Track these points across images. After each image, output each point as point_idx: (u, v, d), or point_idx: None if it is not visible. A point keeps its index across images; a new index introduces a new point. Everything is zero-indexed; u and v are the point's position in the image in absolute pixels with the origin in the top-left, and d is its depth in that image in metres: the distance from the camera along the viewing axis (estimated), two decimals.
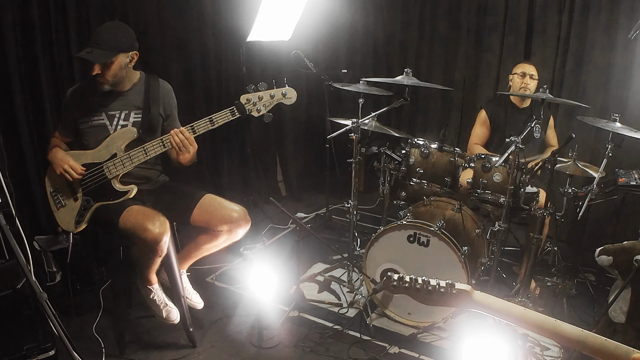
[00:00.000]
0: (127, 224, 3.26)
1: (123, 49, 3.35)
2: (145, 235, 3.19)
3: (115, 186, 3.40)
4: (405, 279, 1.86)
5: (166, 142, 3.33)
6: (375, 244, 4.08)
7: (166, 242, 3.30)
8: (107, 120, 3.47)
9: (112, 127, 3.47)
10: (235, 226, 3.48)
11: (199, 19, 5.43)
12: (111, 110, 3.49)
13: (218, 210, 3.48)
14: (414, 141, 4.29)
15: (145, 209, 3.33)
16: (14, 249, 2.85)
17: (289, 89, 3.38)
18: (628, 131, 3.73)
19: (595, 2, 5.26)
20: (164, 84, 3.67)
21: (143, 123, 3.50)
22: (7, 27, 4.27)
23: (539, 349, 3.74)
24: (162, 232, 3.23)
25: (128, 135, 3.41)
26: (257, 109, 3.32)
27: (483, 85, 6.18)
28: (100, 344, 3.69)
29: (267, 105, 3.34)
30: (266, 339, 3.83)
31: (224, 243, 3.60)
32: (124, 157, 3.36)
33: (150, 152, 3.34)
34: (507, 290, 4.36)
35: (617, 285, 3.59)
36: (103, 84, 3.37)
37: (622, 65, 5.21)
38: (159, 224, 3.23)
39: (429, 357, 3.70)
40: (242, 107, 3.29)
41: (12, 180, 2.99)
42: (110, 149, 3.39)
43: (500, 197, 3.96)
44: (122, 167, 3.37)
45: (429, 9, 6.43)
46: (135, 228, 3.23)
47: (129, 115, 3.51)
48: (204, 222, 3.50)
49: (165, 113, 3.64)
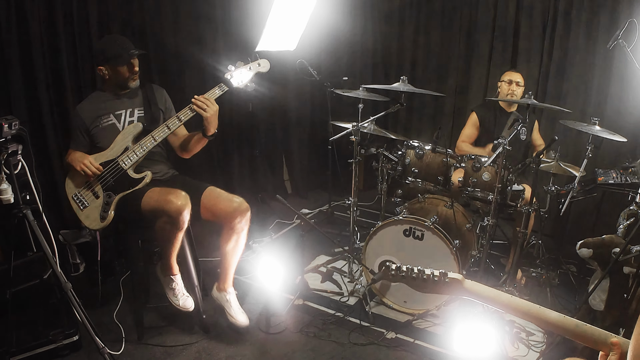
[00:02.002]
0: (150, 202, 3.29)
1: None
2: (169, 207, 3.20)
3: (131, 175, 3.42)
4: (402, 268, 1.86)
5: (171, 124, 3.42)
6: (373, 238, 4.07)
7: (187, 215, 3.29)
8: (115, 119, 3.54)
9: (121, 125, 3.54)
10: (237, 213, 3.48)
11: (212, 30, 5.41)
12: (117, 110, 3.56)
13: (220, 202, 3.51)
14: (409, 143, 4.29)
15: (166, 188, 3.37)
16: (41, 242, 2.85)
17: (262, 60, 3.56)
18: (606, 134, 3.72)
19: (575, 16, 5.25)
20: (157, 86, 3.82)
21: (146, 116, 3.59)
22: (35, 38, 4.27)
23: (524, 334, 3.73)
24: (184, 204, 3.24)
25: (136, 129, 3.48)
26: (241, 81, 3.47)
27: (473, 91, 6.16)
28: (121, 330, 3.69)
29: (247, 76, 3.50)
30: (273, 325, 3.83)
31: (240, 235, 3.57)
32: (136, 147, 3.40)
33: (157, 137, 3.41)
34: (495, 280, 4.34)
35: (596, 275, 3.58)
36: (137, 80, 3.57)
37: (601, 73, 5.20)
38: (182, 196, 3.25)
39: (423, 342, 3.69)
40: (227, 82, 3.44)
41: (39, 178, 2.98)
42: (122, 144, 3.45)
43: (488, 194, 3.97)
44: (135, 156, 3.41)
45: (423, 22, 6.41)
46: (158, 202, 3.26)
47: (134, 112, 3.60)
48: (208, 212, 3.52)
49: (164, 106, 3.73)
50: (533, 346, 3.63)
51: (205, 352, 3.54)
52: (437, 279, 1.82)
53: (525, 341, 3.68)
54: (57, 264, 2.91)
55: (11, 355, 3.13)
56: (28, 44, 4.25)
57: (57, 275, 2.90)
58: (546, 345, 3.62)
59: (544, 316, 1.72)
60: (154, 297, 4.07)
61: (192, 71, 5.37)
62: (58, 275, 2.90)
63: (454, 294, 1.83)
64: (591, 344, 1.61)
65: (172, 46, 5.11)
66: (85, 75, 4.61)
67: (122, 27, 4.71)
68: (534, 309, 1.73)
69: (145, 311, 3.84)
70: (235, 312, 3.67)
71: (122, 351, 3.49)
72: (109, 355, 3.01)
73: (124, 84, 3.52)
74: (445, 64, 6.37)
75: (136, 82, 3.56)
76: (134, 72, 3.48)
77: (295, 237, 5.04)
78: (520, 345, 3.65)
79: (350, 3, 6.31)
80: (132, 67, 3.47)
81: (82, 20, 4.50)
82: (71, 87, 4.52)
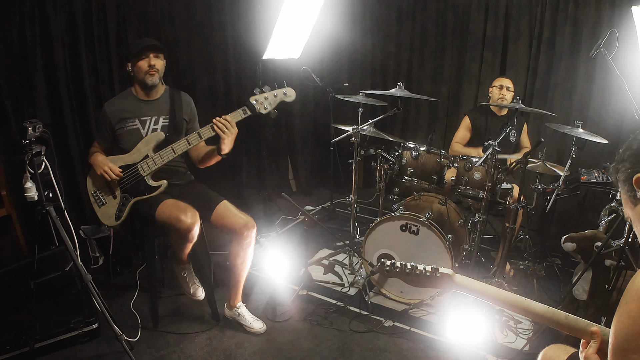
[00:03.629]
0: (162, 216, 3.25)
1: (165, 55, 3.51)
2: (179, 226, 3.19)
3: (149, 182, 3.38)
4: (397, 264, 1.85)
5: (192, 139, 3.31)
6: (372, 233, 4.06)
7: (197, 230, 3.28)
8: (140, 125, 3.46)
9: (145, 131, 3.45)
10: (244, 230, 3.41)
11: (222, 40, 5.41)
12: (143, 116, 3.47)
13: (228, 217, 3.43)
14: (405, 144, 4.29)
15: (178, 202, 3.30)
16: (63, 237, 2.85)
17: (288, 88, 3.37)
18: (589, 136, 3.71)
19: (560, 26, 5.25)
20: (185, 95, 3.67)
21: (170, 126, 3.49)
22: (58, 48, 4.28)
23: (513, 322, 3.72)
24: (194, 223, 3.22)
25: (157, 138, 3.40)
26: (264, 107, 3.31)
27: (464, 97, 6.14)
28: (137, 318, 3.69)
29: (272, 103, 3.34)
30: (279, 313, 3.83)
31: (247, 246, 3.49)
32: (155, 157, 3.34)
33: (177, 150, 3.33)
34: (486, 272, 4.33)
35: (579, 268, 3.57)
36: (154, 76, 3.40)
37: (584, 79, 5.19)
38: (190, 215, 3.21)
39: (419, 330, 3.69)
40: (252, 107, 3.29)
41: (61, 177, 2.98)
42: (143, 151, 3.38)
43: (479, 192, 3.97)
44: (154, 165, 3.35)
45: (418, 32, 6.38)
46: (170, 219, 3.22)
47: (158, 120, 3.50)
48: (219, 224, 3.45)
49: (189, 118, 3.63)
50: (521, 333, 3.62)
51: (216, 339, 3.53)
52: (429, 274, 1.81)
53: (513, 329, 3.67)
54: (77, 257, 2.91)
55: (35, 342, 3.14)
56: (51, 51, 4.26)
57: (77, 268, 2.90)
58: (533, 332, 3.61)
59: (529, 307, 1.71)
60: (168, 288, 4.09)
61: (204, 79, 5.38)
62: (79, 267, 2.90)
63: (444, 287, 1.82)
64: (573, 332, 1.61)
65: (185, 53, 5.12)
66: (103, 82, 4.61)
67: (138, 38, 4.70)
68: (520, 301, 1.72)
69: (160, 301, 3.84)
70: (251, 323, 3.64)
71: (139, 338, 3.49)
72: (126, 341, 3.02)
73: (143, 81, 3.40)
74: (439, 71, 6.34)
75: (153, 79, 3.40)
76: (151, 66, 3.36)
77: (299, 232, 5.05)
78: (509, 333, 3.64)
79: (350, 15, 6.30)
80: (148, 62, 3.37)
81: (102, 29, 4.52)
82: (90, 93, 4.53)
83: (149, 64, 3.37)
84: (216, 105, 5.47)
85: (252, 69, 5.47)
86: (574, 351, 1.90)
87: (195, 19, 5.15)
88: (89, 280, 2.94)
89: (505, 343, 3.54)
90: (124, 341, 2.92)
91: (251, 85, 5.51)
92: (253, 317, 3.67)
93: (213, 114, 4.29)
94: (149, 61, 3.37)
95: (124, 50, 4.66)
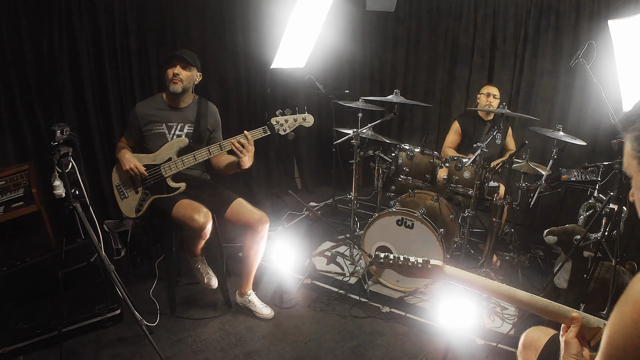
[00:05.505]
0: (178, 214, 3.24)
1: (197, 67, 3.48)
2: (193, 224, 3.18)
3: (169, 183, 3.36)
4: (390, 256, 1.81)
5: (213, 150, 3.28)
6: (371, 227, 4.05)
7: (209, 228, 3.27)
8: (166, 129, 3.45)
9: (170, 136, 3.44)
10: (258, 224, 3.40)
11: (234, 51, 5.40)
12: (170, 122, 3.46)
13: (244, 213, 3.42)
14: (401, 146, 4.27)
15: (193, 202, 3.29)
16: (88, 231, 2.84)
17: (308, 115, 3.34)
18: (569, 138, 3.70)
19: (543, 38, 5.24)
20: (212, 106, 3.64)
21: (194, 134, 3.47)
22: (83, 58, 4.28)
23: (499, 308, 3.71)
24: (206, 222, 3.21)
25: (181, 144, 3.37)
26: (284, 129, 3.29)
27: (455, 103, 6.13)
28: (156, 305, 3.70)
29: (291, 126, 3.31)
30: (286, 300, 3.82)
31: (260, 239, 3.48)
32: (177, 161, 3.32)
33: (198, 158, 3.30)
34: (475, 262, 4.32)
35: (560, 259, 3.57)
36: (177, 85, 3.37)
37: (564, 87, 5.18)
38: (203, 214, 3.21)
39: (413, 315, 3.68)
40: (272, 127, 3.27)
41: (86, 176, 2.97)
42: (167, 153, 3.36)
43: (469, 190, 3.95)
44: (176, 168, 3.33)
45: (413, 44, 6.37)
46: (184, 218, 3.21)
47: (184, 127, 3.48)
48: (234, 219, 3.44)
49: (212, 128, 3.60)
50: (506, 319, 3.61)
51: (228, 324, 3.53)
52: (421, 266, 1.76)
53: (500, 314, 3.65)
54: (102, 249, 2.90)
55: (63, 326, 3.14)
56: (77, 60, 4.26)
57: (102, 259, 2.89)
58: (518, 317, 3.60)
59: (514, 295, 1.68)
60: (184, 277, 4.09)
61: (217, 86, 5.37)
62: (103, 258, 2.89)
63: (435, 278, 1.78)
64: (555, 318, 1.59)
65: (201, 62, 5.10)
66: (125, 89, 4.62)
67: (156, 48, 4.71)
68: (505, 289, 1.70)
69: (177, 289, 3.84)
70: (260, 309, 3.63)
71: (157, 323, 3.49)
72: (146, 326, 3.01)
73: (168, 87, 3.39)
74: (431, 79, 6.34)
75: (175, 87, 3.35)
76: (174, 75, 3.34)
77: (304, 226, 5.03)
78: (496, 318, 3.62)
79: (351, 28, 6.28)
80: (173, 71, 3.36)
81: (124, 39, 4.53)
82: (113, 100, 4.55)
83: (173, 72, 3.36)
84: (227, 111, 5.46)
85: (261, 78, 5.48)
86: (554, 333, 1.89)
87: (210, 32, 5.15)
88: (112, 270, 2.93)
89: (493, 327, 3.53)
90: (144, 326, 2.91)
91: (261, 92, 5.59)
92: (262, 304, 3.67)
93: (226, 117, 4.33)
94: (174, 70, 3.36)
95: (143, 59, 4.67)
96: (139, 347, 3.22)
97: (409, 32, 6.39)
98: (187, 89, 3.46)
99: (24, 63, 4.05)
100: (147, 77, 4.77)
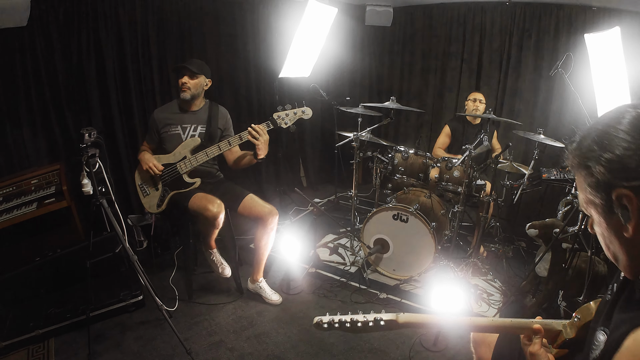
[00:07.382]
0: (194, 205, 3.27)
1: (205, 74, 3.48)
2: (207, 214, 3.20)
3: (185, 179, 3.38)
4: (335, 320, 1.49)
5: (222, 146, 3.30)
6: (370, 221, 4.03)
7: (222, 219, 3.28)
8: (181, 130, 3.47)
9: (184, 136, 3.46)
10: (268, 217, 3.41)
11: (245, 61, 5.40)
12: (184, 124, 3.48)
13: (255, 207, 3.43)
14: (397, 148, 4.26)
15: (207, 195, 3.32)
16: (113, 224, 2.84)
17: (307, 108, 3.32)
18: (549, 141, 3.69)
19: (525, 49, 5.24)
20: (222, 108, 3.64)
21: (206, 134, 3.49)
22: (109, 67, 4.28)
23: (486, 295, 3.70)
24: (219, 211, 3.23)
25: (195, 143, 3.40)
26: (285, 123, 3.26)
27: (446, 108, 6.11)
28: (175, 291, 3.70)
29: (292, 119, 3.29)
30: (292, 287, 3.82)
31: (270, 230, 3.48)
32: (192, 158, 3.35)
33: (210, 154, 3.32)
34: (463, 253, 4.30)
35: (541, 250, 3.55)
36: (185, 92, 3.40)
37: (545, 94, 5.18)
38: (217, 205, 3.23)
39: (408, 301, 3.68)
40: (274, 121, 3.25)
41: (112, 175, 2.97)
42: (182, 152, 3.39)
43: (458, 187, 3.95)
44: (190, 165, 3.35)
45: (408, 54, 6.36)
46: (199, 208, 3.24)
47: (197, 128, 3.49)
48: (246, 213, 3.44)
49: (223, 127, 3.60)
50: (492, 304, 3.60)
51: (240, 309, 3.53)
52: (373, 324, 1.46)
53: (486, 300, 3.64)
54: (125, 241, 2.90)
55: (91, 311, 3.15)
56: (103, 70, 4.27)
57: (125, 250, 2.89)
58: (502, 303, 3.59)
59: (473, 323, 1.50)
60: (201, 267, 4.08)
61: (230, 93, 5.38)
62: (127, 249, 2.89)
63: (392, 329, 1.48)
64: (518, 331, 1.45)
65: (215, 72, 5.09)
66: (147, 95, 4.62)
67: (174, 59, 4.71)
68: (466, 320, 1.50)
69: (194, 277, 3.85)
70: (269, 295, 3.62)
71: (176, 308, 3.49)
72: (166, 311, 3.01)
73: (179, 94, 3.43)
74: (424, 87, 6.32)
75: (184, 95, 3.39)
76: (182, 84, 3.38)
77: (309, 220, 5.03)
78: (482, 303, 3.61)
79: (351, 41, 6.26)
80: (181, 80, 3.40)
81: (146, 48, 4.53)
82: (136, 105, 4.55)
83: (182, 82, 3.40)
84: (240, 115, 5.46)
85: (270, 86, 5.47)
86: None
87: (223, 44, 5.15)
88: (135, 260, 2.93)
89: (480, 312, 3.52)
90: (164, 310, 2.91)
91: (270, 99, 5.57)
92: (271, 291, 3.66)
93: (237, 122, 4.34)
94: (182, 80, 3.40)
95: (164, 68, 4.68)
96: (159, 329, 3.23)
97: (404, 45, 6.37)
98: (196, 94, 3.48)
99: (56, 73, 4.07)
100: (167, 84, 4.77)
